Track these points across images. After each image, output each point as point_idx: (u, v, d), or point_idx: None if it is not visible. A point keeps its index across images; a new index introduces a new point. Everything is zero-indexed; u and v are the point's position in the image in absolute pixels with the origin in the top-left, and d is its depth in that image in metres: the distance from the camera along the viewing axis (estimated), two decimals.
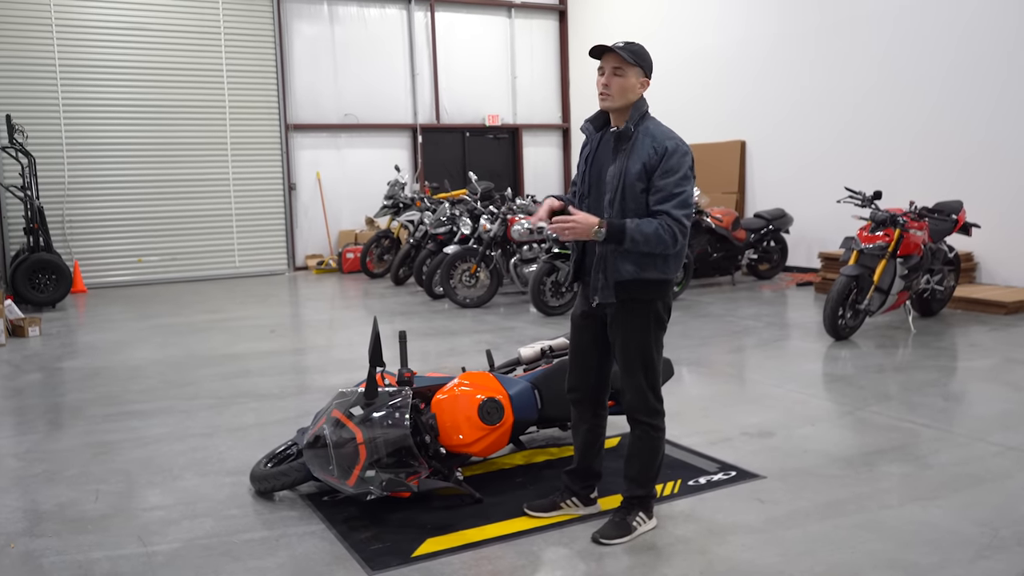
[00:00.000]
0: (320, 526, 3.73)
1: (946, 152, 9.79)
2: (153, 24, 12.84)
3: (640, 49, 3.41)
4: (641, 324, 3.45)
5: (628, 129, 3.39)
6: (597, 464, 3.81)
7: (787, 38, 11.74)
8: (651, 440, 3.54)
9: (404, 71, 14.96)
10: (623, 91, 3.38)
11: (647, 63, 3.43)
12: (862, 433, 4.84)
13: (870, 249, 7.32)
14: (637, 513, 3.58)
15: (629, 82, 3.37)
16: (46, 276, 10.45)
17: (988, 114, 9.35)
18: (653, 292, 3.43)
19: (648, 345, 3.46)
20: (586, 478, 3.80)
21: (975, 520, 3.60)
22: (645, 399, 3.50)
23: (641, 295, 3.41)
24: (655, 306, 3.45)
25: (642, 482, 3.59)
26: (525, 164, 16.38)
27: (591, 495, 3.82)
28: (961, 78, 9.59)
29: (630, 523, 3.55)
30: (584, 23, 15.91)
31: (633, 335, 3.45)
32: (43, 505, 4.09)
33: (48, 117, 12.27)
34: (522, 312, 9.31)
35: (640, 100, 3.44)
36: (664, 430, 3.58)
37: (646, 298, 3.42)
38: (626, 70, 3.36)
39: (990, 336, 7.39)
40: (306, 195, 14.34)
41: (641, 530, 3.56)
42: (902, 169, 10.23)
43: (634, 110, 3.41)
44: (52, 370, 7.11)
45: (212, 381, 6.55)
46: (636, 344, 3.46)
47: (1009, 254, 9.27)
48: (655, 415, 3.53)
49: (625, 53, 3.34)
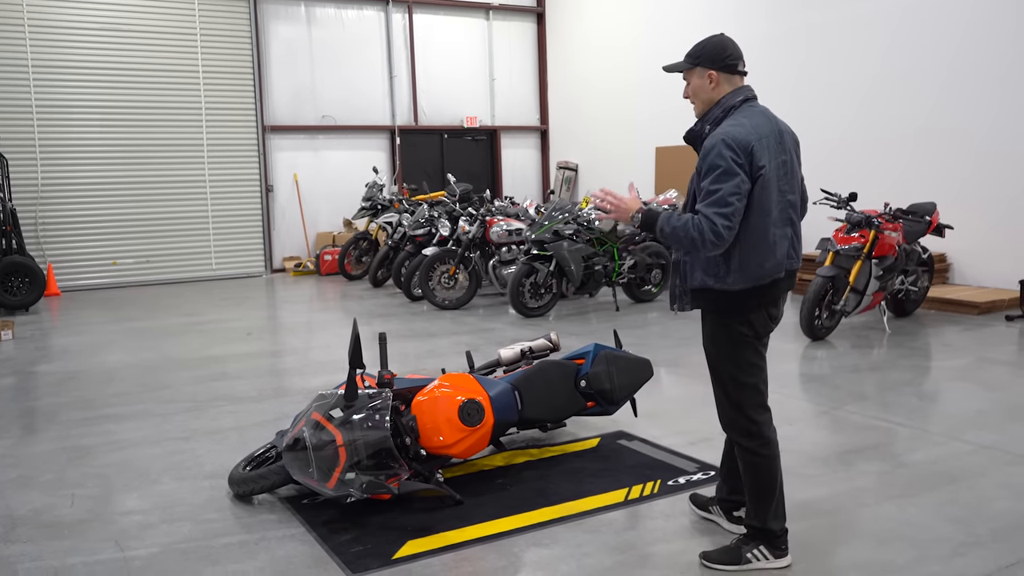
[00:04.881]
0: (300, 529, 3.71)
1: (920, 155, 9.90)
2: (128, 24, 12.72)
3: (695, 47, 3.26)
4: (711, 336, 3.24)
5: (699, 130, 3.24)
6: (737, 482, 3.48)
7: (772, 41, 11.82)
8: (749, 463, 3.22)
9: (382, 73, 14.93)
10: (694, 94, 3.27)
11: (705, 54, 3.21)
12: (838, 432, 4.89)
13: (846, 250, 7.39)
14: (756, 546, 3.23)
15: (695, 83, 3.25)
16: (19, 279, 10.32)
17: (965, 118, 9.47)
18: (722, 303, 3.15)
19: (718, 360, 3.22)
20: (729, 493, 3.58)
21: (951, 518, 3.65)
22: (732, 418, 3.24)
23: (712, 306, 3.20)
24: (724, 318, 3.17)
25: (754, 510, 3.25)
26: (503, 166, 16.39)
27: (734, 512, 3.56)
28: (944, 84, 9.71)
29: (743, 553, 3.23)
30: (562, 25, 15.95)
31: (707, 348, 3.27)
32: (18, 510, 4.04)
33: (20, 118, 12.12)
34: (501, 314, 9.32)
35: (726, 96, 3.20)
36: (766, 455, 3.20)
37: (715, 309, 3.19)
38: (689, 75, 3.26)
39: (963, 336, 7.48)
40: (283, 197, 14.26)
41: (756, 565, 3.21)
42: (877, 171, 10.34)
43: (713, 108, 3.21)
44: (26, 374, 7.01)
45: (189, 384, 6.50)
46: (710, 358, 3.27)
47: (981, 255, 9.40)
48: (747, 436, 3.21)
49: (681, 62, 3.28)
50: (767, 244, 3.07)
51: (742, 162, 3.00)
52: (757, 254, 3.06)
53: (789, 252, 3.17)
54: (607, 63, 14.77)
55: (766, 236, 3.06)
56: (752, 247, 3.06)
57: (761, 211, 3.05)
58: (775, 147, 3.11)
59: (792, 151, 3.21)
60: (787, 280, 3.20)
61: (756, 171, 3.03)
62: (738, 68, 3.22)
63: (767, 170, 3.04)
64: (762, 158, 3.03)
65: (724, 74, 3.19)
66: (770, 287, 3.13)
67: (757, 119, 3.11)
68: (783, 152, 3.14)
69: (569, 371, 4.57)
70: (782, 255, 3.12)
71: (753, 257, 3.06)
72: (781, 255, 3.11)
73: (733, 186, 2.97)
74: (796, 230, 3.19)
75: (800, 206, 3.27)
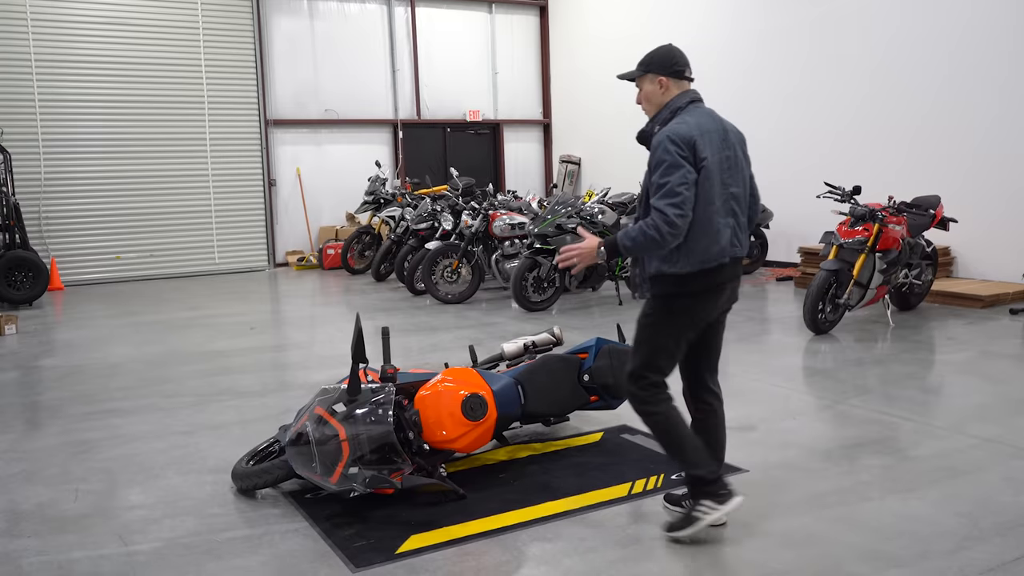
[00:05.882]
0: (303, 523, 3.72)
1: (929, 150, 9.87)
2: (130, 19, 12.70)
3: (645, 56, 3.52)
4: (650, 304, 3.47)
5: (649, 131, 3.47)
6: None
7: (772, 35, 11.79)
8: (649, 423, 3.47)
9: (384, 66, 14.90)
10: (646, 99, 3.54)
11: (656, 61, 3.48)
12: (842, 426, 4.88)
13: (849, 244, 7.37)
14: (699, 501, 3.41)
15: (647, 89, 3.52)
16: (23, 273, 10.33)
17: (967, 112, 9.43)
18: (674, 286, 3.37)
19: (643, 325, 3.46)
20: None
21: (955, 512, 3.64)
22: (627, 380, 3.49)
23: (664, 289, 3.41)
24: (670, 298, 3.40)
25: (678, 465, 3.54)
26: (506, 159, 16.37)
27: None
28: (946, 78, 9.67)
29: (692, 512, 3.43)
30: (564, 19, 15.91)
31: (640, 316, 3.49)
32: (22, 505, 4.05)
33: (24, 112, 12.12)
34: (504, 308, 9.31)
35: (673, 99, 3.46)
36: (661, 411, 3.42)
37: (666, 292, 3.40)
38: (641, 81, 3.54)
39: (967, 329, 7.47)
40: (286, 191, 14.26)
41: (708, 518, 3.38)
42: (880, 165, 10.31)
43: (662, 111, 3.47)
44: (29, 368, 7.03)
45: (192, 378, 6.51)
46: (639, 323, 3.50)
47: (986, 249, 9.37)
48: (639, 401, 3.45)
49: (633, 71, 3.54)
50: (712, 231, 3.31)
51: (686, 155, 3.25)
52: (704, 239, 3.30)
53: (732, 240, 3.40)
54: (610, 56, 14.72)
55: (711, 223, 3.31)
56: (699, 233, 3.29)
57: (705, 200, 3.29)
58: (718, 142, 3.35)
59: (737, 147, 3.46)
60: (732, 266, 3.44)
61: (699, 162, 3.27)
62: (685, 74, 3.50)
63: (709, 162, 3.29)
64: (704, 151, 3.28)
65: (673, 79, 3.47)
66: (716, 271, 3.37)
67: (700, 118, 3.38)
68: (727, 148, 3.39)
69: (572, 365, 4.57)
70: (726, 242, 3.36)
71: (700, 242, 3.30)
72: (725, 242, 3.36)
73: (680, 176, 3.22)
74: (739, 221, 3.44)
75: (748, 201, 3.54)
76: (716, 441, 3.61)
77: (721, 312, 3.54)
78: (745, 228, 3.48)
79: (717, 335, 3.60)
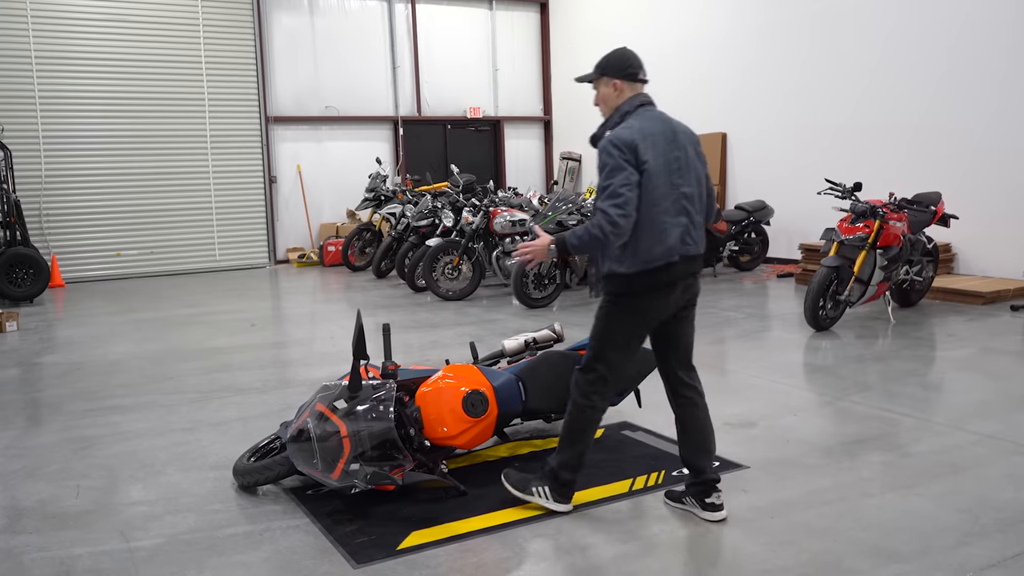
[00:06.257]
0: (304, 520, 3.72)
1: (928, 146, 9.87)
2: (131, 15, 12.70)
3: (601, 59, 3.63)
4: (603, 305, 3.58)
5: (599, 134, 3.55)
6: (697, 460, 3.63)
7: (772, 31, 11.78)
8: (571, 411, 3.61)
9: (385, 63, 14.89)
10: (602, 101, 3.64)
11: (609, 65, 3.58)
12: (843, 423, 4.88)
13: (850, 240, 7.37)
14: (542, 484, 3.68)
15: (602, 91, 3.63)
16: (23, 270, 10.34)
17: (974, 108, 9.43)
18: (623, 285, 3.48)
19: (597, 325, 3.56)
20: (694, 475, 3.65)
21: (955, 508, 3.64)
22: (578, 372, 3.61)
23: (614, 288, 3.52)
24: (620, 298, 3.51)
25: (556, 451, 3.67)
26: (507, 156, 16.36)
27: (706, 499, 3.59)
28: (951, 73, 9.66)
29: (530, 485, 3.71)
30: (565, 15, 15.89)
31: (597, 313, 3.61)
32: (23, 501, 4.05)
33: (24, 110, 12.12)
34: (505, 304, 9.31)
35: (624, 103, 3.56)
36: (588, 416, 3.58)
37: (616, 290, 3.51)
38: (597, 84, 3.64)
39: (968, 326, 7.47)
40: (287, 188, 14.26)
41: (536, 500, 3.68)
42: (884, 162, 10.31)
43: (613, 114, 3.57)
44: (30, 365, 7.03)
45: (193, 375, 6.51)
46: (595, 321, 3.60)
47: (987, 245, 9.37)
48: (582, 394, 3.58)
49: (590, 73, 3.67)
50: (656, 231, 3.39)
51: (628, 158, 3.35)
52: (647, 240, 3.38)
53: (684, 239, 3.47)
54: None
55: (654, 224, 3.38)
56: (643, 234, 3.38)
57: (649, 202, 3.37)
58: (665, 145, 3.43)
59: (689, 148, 3.53)
60: (684, 264, 3.49)
61: (640, 165, 3.36)
62: (639, 77, 3.59)
63: (651, 165, 3.37)
64: (646, 154, 3.36)
65: (627, 82, 3.57)
66: (663, 270, 3.44)
67: (646, 122, 3.46)
68: (676, 149, 3.47)
69: (573, 362, 4.55)
70: (674, 241, 3.43)
71: (643, 243, 3.39)
72: (673, 241, 3.42)
73: (622, 179, 3.32)
74: (693, 220, 3.51)
75: (705, 200, 3.62)
76: (701, 435, 3.66)
77: (681, 308, 3.60)
78: (700, 226, 3.56)
79: (682, 332, 3.66)
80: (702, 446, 3.65)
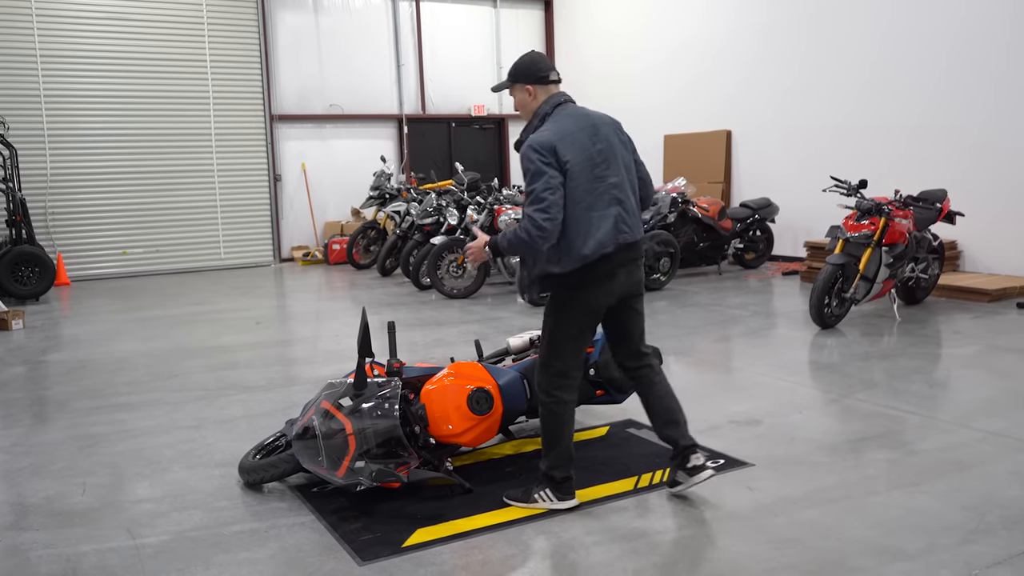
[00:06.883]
0: (310, 517, 3.73)
1: (933, 143, 9.84)
2: (135, 14, 12.72)
3: (512, 67, 3.71)
4: (549, 303, 3.67)
5: (523, 140, 3.61)
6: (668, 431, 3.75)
7: (776, 29, 11.76)
8: (542, 415, 3.67)
9: (389, 61, 14.90)
10: (520, 106, 3.75)
11: (519, 72, 3.67)
12: (848, 420, 4.87)
13: (856, 238, 7.35)
14: (542, 488, 3.70)
15: (518, 98, 3.72)
16: (29, 269, 10.37)
17: (978, 106, 9.40)
18: (561, 283, 3.58)
19: (546, 324, 3.67)
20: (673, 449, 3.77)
21: (961, 505, 3.63)
22: (539, 372, 3.68)
23: (553, 286, 3.62)
24: (562, 295, 3.60)
25: (543, 456, 3.70)
26: (511, 154, 16.35)
27: (687, 465, 3.71)
28: (954, 71, 9.63)
29: (532, 494, 3.71)
30: (570, 13, 15.88)
31: (545, 312, 3.70)
32: (30, 499, 4.07)
33: (29, 108, 12.15)
34: (509, 302, 9.31)
35: (540, 106, 3.64)
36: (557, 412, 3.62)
37: (556, 287, 3.61)
38: (512, 91, 3.74)
39: (974, 324, 7.45)
40: (291, 186, 14.28)
41: (543, 504, 3.68)
42: (889, 160, 10.29)
43: (532, 119, 3.66)
44: (36, 363, 7.05)
45: (199, 373, 6.52)
46: (544, 320, 3.70)
47: (992, 242, 9.35)
48: (544, 392, 3.64)
49: (504, 82, 3.74)
50: (583, 228, 3.45)
51: (549, 160, 3.41)
52: (577, 239, 3.45)
53: (619, 227, 3.52)
54: (614, 51, 14.71)
55: (581, 221, 3.45)
56: (572, 232, 3.45)
57: (572, 201, 3.45)
58: (585, 140, 3.51)
59: (612, 136, 3.62)
60: (622, 251, 3.55)
61: (563, 166, 3.43)
62: (550, 78, 3.66)
63: (572, 164, 3.44)
64: (566, 154, 3.43)
65: (539, 86, 3.65)
66: (599, 261, 3.50)
67: (563, 122, 3.53)
68: (599, 141, 3.55)
69: None
70: (605, 234, 3.48)
71: (575, 242, 3.46)
72: (604, 234, 3.47)
73: (544, 182, 3.39)
74: (626, 207, 3.56)
75: (634, 184, 3.68)
76: (665, 405, 3.75)
77: (628, 297, 3.67)
78: (635, 212, 3.61)
79: (630, 321, 3.73)
80: (670, 417, 3.74)
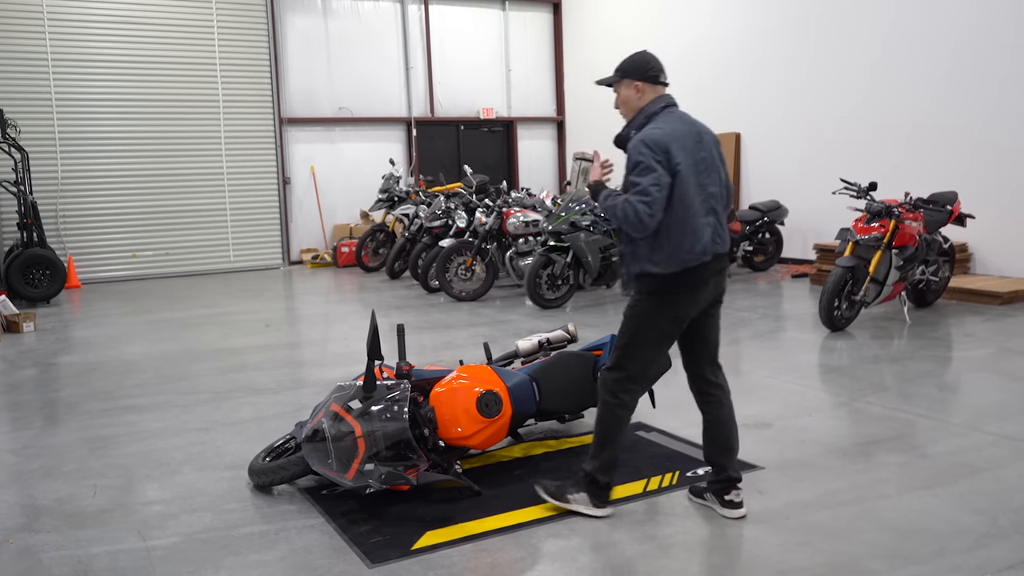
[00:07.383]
0: (319, 519, 3.73)
1: (941, 144, 9.80)
2: (146, 18, 12.78)
3: (622, 62, 3.68)
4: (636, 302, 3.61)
5: (626, 135, 3.61)
6: (720, 458, 3.67)
7: (783, 30, 11.74)
8: (602, 413, 3.62)
9: (398, 64, 14.92)
10: (623, 103, 3.69)
11: (631, 67, 3.64)
12: (859, 423, 4.85)
13: (866, 240, 7.33)
14: (579, 490, 3.66)
15: (624, 94, 3.67)
16: (40, 271, 10.42)
17: (985, 106, 9.36)
18: (659, 284, 3.50)
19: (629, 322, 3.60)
20: (716, 473, 3.69)
21: (973, 509, 3.62)
22: (609, 370, 3.62)
23: (650, 287, 3.52)
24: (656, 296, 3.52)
25: (589, 455, 3.66)
26: (520, 157, 16.36)
27: (726, 496, 3.63)
28: (959, 71, 9.59)
29: (566, 493, 3.68)
30: (578, 15, 15.88)
31: (627, 310, 3.65)
32: (41, 500, 4.08)
33: (41, 112, 12.21)
34: (518, 305, 9.31)
35: (649, 104, 3.60)
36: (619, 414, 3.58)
37: (652, 289, 3.52)
38: (618, 87, 3.69)
39: (985, 326, 7.41)
40: (300, 189, 14.31)
41: (574, 507, 3.65)
42: (897, 161, 10.24)
43: (638, 115, 3.61)
44: (47, 365, 7.08)
45: (209, 376, 6.54)
46: (625, 317, 3.65)
47: (1003, 244, 9.29)
48: (611, 393, 3.59)
49: (611, 76, 3.69)
50: (692, 231, 3.43)
51: (660, 159, 3.38)
52: (685, 240, 3.42)
53: (714, 238, 3.51)
54: (623, 52, 14.46)
55: (690, 224, 3.42)
56: (679, 235, 3.42)
57: (683, 203, 3.41)
58: (692, 146, 3.48)
59: (712, 149, 3.58)
60: (715, 262, 3.53)
61: (673, 167, 3.39)
62: (660, 79, 3.65)
63: (683, 167, 3.41)
64: (678, 156, 3.40)
65: (648, 84, 3.62)
66: (698, 269, 3.47)
67: (674, 123, 3.51)
68: (702, 149, 3.52)
69: (587, 362, 4.56)
70: (707, 241, 3.47)
71: (683, 244, 3.42)
72: (706, 241, 3.46)
73: (652, 179, 3.35)
74: (719, 219, 3.56)
75: (725, 197, 3.63)
76: (726, 432, 3.68)
77: (708, 305, 3.63)
78: (725, 225, 3.61)
79: (711, 327, 3.71)
80: (726, 444, 3.68)
